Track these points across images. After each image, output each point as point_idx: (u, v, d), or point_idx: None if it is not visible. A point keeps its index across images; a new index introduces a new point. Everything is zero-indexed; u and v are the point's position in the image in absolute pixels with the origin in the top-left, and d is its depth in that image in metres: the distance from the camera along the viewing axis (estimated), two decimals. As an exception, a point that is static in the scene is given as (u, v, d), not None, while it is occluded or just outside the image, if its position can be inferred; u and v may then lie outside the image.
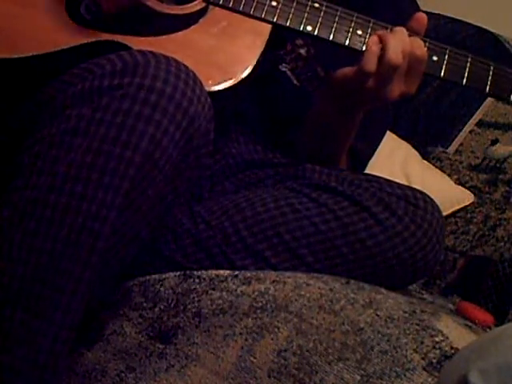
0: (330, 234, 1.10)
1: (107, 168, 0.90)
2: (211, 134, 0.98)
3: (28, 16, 1.09)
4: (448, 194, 1.67)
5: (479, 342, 0.73)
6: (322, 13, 1.13)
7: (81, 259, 0.90)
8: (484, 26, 1.84)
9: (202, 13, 1.12)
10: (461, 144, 1.78)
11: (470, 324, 1.03)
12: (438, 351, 0.88)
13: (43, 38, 1.08)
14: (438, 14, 1.88)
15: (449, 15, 1.91)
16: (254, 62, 1.11)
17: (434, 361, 0.87)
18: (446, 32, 1.86)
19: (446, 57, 1.13)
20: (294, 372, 0.89)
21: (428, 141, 1.82)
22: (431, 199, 1.15)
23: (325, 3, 1.13)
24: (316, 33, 1.12)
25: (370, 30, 1.13)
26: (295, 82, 1.31)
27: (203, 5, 1.12)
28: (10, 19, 1.09)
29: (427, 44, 1.13)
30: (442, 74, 1.13)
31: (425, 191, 1.18)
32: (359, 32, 1.13)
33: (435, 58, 1.13)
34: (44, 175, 0.91)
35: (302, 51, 1.29)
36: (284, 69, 1.30)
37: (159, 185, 0.94)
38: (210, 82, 1.06)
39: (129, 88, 0.91)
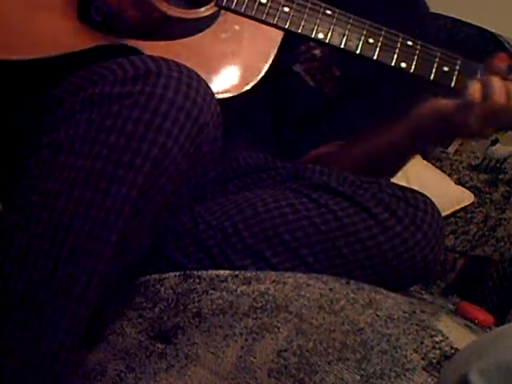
0: (330, 234, 1.10)
1: (116, 176, 0.89)
2: (219, 141, 0.98)
3: (38, 18, 1.08)
4: (448, 193, 1.67)
5: (479, 342, 0.73)
6: (335, 20, 1.12)
7: (88, 266, 0.89)
8: (484, 26, 1.84)
9: (213, 18, 1.11)
10: (461, 144, 1.78)
11: (469, 324, 1.03)
12: (437, 351, 0.88)
13: (53, 41, 1.07)
14: (438, 14, 1.88)
15: (449, 15, 1.91)
16: (266, 69, 1.10)
17: (434, 361, 0.87)
18: (446, 32, 1.86)
19: (457, 67, 1.13)
20: (294, 372, 0.89)
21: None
22: (431, 201, 1.15)
23: (337, 10, 1.13)
24: (327, 40, 1.12)
25: (381, 39, 1.13)
26: (311, 82, 1.31)
27: (215, 9, 1.12)
28: (20, 21, 1.08)
29: (439, 54, 1.13)
30: (453, 84, 1.13)
31: (425, 191, 1.18)
32: (371, 40, 1.13)
33: (446, 69, 1.13)
34: (51, 180, 0.91)
35: (317, 52, 1.29)
36: (298, 69, 1.30)
37: (166, 193, 0.93)
38: (220, 89, 1.06)
39: (139, 96, 0.90)
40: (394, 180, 1.27)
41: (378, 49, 1.13)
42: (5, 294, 0.89)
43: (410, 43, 1.14)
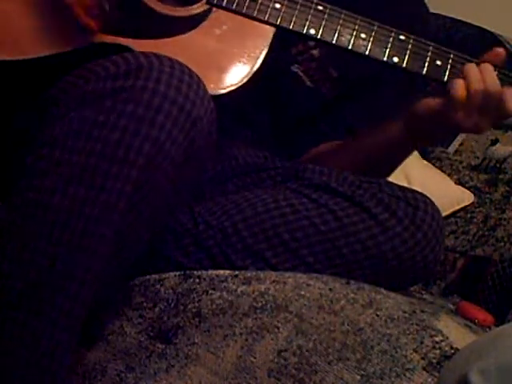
0: (330, 234, 1.10)
1: (110, 171, 0.89)
2: (214, 137, 0.98)
3: (31, 17, 1.08)
4: (448, 193, 1.67)
5: (479, 341, 0.73)
6: (326, 15, 1.12)
7: (83, 263, 0.90)
8: (484, 26, 1.84)
9: (204, 15, 1.11)
10: (461, 144, 1.78)
11: (469, 324, 1.03)
12: (438, 351, 0.88)
13: (46, 40, 1.07)
14: (438, 14, 1.88)
15: (449, 15, 1.91)
16: (258, 65, 1.10)
17: (434, 361, 0.87)
18: (446, 32, 1.86)
19: (450, 61, 1.13)
20: (294, 372, 0.89)
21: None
22: (431, 201, 1.15)
23: (329, 6, 1.13)
24: (319, 36, 1.12)
25: (373, 34, 1.13)
26: (308, 83, 1.31)
27: (206, 7, 1.12)
28: (13, 20, 1.08)
29: (431, 48, 1.13)
30: (446, 78, 1.13)
31: (425, 191, 1.18)
32: (363, 35, 1.12)
33: (439, 63, 1.13)
34: (47, 178, 0.91)
35: (315, 52, 1.29)
36: (296, 69, 1.30)
37: (162, 187, 0.93)
38: (213, 86, 1.06)
39: (132, 91, 0.91)
40: (394, 180, 1.27)
41: (370, 44, 1.12)
42: (3, 293, 0.90)
43: (402, 37, 1.13)
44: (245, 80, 1.09)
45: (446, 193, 1.66)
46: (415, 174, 1.70)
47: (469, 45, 1.80)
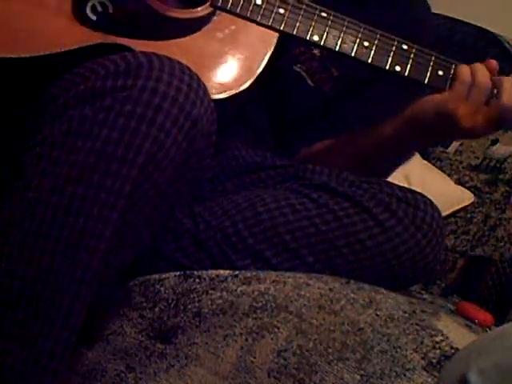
0: (330, 234, 1.10)
1: (109, 170, 0.89)
2: (213, 137, 0.98)
3: (33, 15, 1.08)
4: (448, 193, 1.68)
5: (479, 341, 0.74)
6: (330, 22, 1.12)
7: (82, 261, 0.90)
8: (484, 26, 1.84)
9: (208, 18, 1.11)
10: (461, 144, 1.78)
11: (469, 324, 1.03)
12: (437, 351, 0.88)
13: (47, 38, 1.07)
14: (438, 14, 1.88)
15: (449, 15, 1.91)
16: (261, 70, 1.10)
17: (434, 361, 0.87)
18: (446, 32, 1.86)
19: (452, 71, 1.14)
20: (294, 372, 0.89)
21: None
22: (431, 201, 1.15)
23: (332, 13, 1.13)
24: (322, 43, 1.12)
25: (376, 42, 1.13)
26: (310, 82, 1.31)
27: (210, 10, 1.12)
28: (14, 18, 1.08)
29: (433, 58, 1.13)
30: (447, 87, 1.14)
31: (425, 191, 1.18)
32: (366, 43, 1.13)
33: (441, 73, 1.14)
34: (46, 176, 0.91)
35: (316, 51, 1.29)
36: (298, 69, 1.30)
37: (161, 187, 0.93)
38: (214, 90, 1.06)
39: (132, 90, 0.90)
40: (394, 180, 1.27)
41: (372, 52, 1.13)
42: (1, 292, 0.90)
43: (405, 47, 1.14)
44: (247, 84, 1.09)
45: (446, 193, 1.66)
46: (415, 173, 1.70)
47: (469, 45, 1.80)
